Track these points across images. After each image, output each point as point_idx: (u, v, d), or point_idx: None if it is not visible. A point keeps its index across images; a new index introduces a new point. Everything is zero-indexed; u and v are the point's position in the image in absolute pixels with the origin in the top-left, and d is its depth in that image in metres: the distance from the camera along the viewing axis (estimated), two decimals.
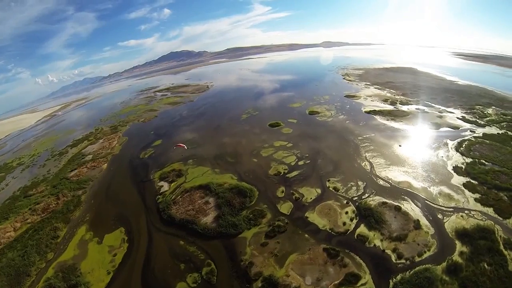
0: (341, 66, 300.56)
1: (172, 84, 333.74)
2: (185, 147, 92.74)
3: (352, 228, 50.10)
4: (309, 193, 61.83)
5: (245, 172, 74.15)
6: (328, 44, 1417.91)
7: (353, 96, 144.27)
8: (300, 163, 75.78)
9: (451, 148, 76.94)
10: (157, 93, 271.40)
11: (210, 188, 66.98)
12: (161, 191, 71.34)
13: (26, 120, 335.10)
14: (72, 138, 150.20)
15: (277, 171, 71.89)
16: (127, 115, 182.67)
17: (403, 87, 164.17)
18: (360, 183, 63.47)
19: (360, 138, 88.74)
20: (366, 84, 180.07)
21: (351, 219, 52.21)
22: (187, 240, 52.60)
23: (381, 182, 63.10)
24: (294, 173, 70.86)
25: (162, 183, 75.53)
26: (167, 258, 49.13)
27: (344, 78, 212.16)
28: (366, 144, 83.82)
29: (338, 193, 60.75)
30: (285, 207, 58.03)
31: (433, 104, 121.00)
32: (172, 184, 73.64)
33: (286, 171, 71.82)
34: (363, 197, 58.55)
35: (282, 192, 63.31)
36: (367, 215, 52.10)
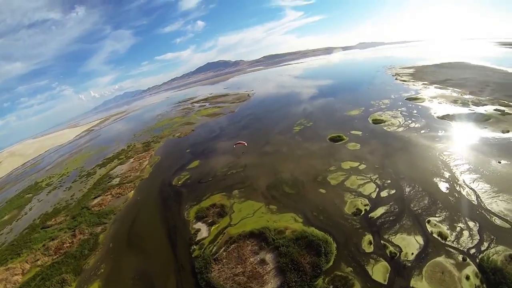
0: (386, 66, 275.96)
1: (211, 94, 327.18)
2: (245, 144, 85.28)
3: None
4: (408, 244, 41.86)
5: (313, 210, 54.07)
6: (363, 45, 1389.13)
7: (416, 99, 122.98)
8: (383, 194, 55.17)
9: None
10: (195, 104, 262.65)
11: (266, 237, 47.63)
12: (197, 238, 53.13)
13: (66, 135, 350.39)
14: (103, 156, 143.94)
15: (356, 208, 51.63)
16: (162, 129, 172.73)
17: (466, 84, 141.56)
18: (471, 224, 43.40)
19: (446, 153, 67.52)
20: (424, 84, 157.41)
21: None
22: None
23: (498, 221, 43.06)
24: (380, 210, 50.44)
25: (199, 224, 57.28)
26: None
27: (396, 79, 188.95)
28: (457, 161, 62.73)
29: (447, 242, 40.81)
30: (380, 271, 38.25)
31: (511, 103, 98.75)
32: (213, 228, 55.03)
33: (368, 208, 51.51)
34: (482, 248, 38.88)
35: (370, 243, 43.12)
36: (498, 280, 33.60)
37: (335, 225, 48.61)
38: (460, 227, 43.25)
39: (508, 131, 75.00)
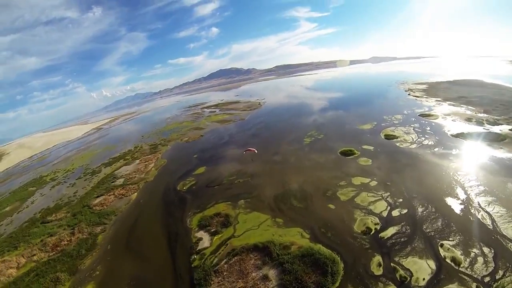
0: (399, 81, 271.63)
1: (221, 100, 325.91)
2: (256, 151, 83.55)
3: None
4: (419, 268, 39.34)
5: (321, 226, 51.52)
6: (376, 60, 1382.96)
7: (429, 116, 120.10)
8: (395, 213, 52.59)
9: None
10: (205, 110, 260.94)
11: (270, 252, 45.21)
12: (198, 248, 50.83)
13: (75, 131, 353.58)
14: (109, 155, 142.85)
15: (366, 227, 49.11)
16: (170, 133, 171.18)
17: (481, 102, 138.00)
18: (486, 250, 40.73)
19: (460, 173, 64.62)
20: (437, 101, 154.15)
21: None
22: None
23: None
24: (391, 230, 47.87)
25: (201, 233, 54.97)
26: None
27: (409, 94, 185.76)
28: (472, 182, 59.83)
29: (460, 269, 38.29)
30: None
31: None
32: (216, 238, 52.61)
33: (378, 227, 48.98)
34: (497, 276, 36.45)
35: (379, 265, 40.63)
36: None
37: (343, 244, 46.18)
38: (474, 252, 40.74)
39: None
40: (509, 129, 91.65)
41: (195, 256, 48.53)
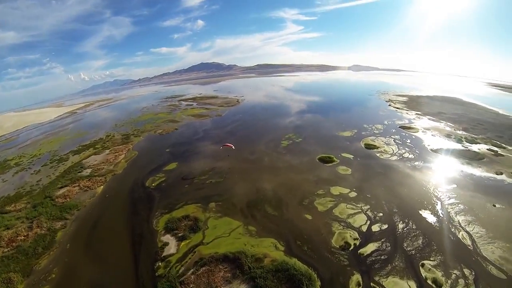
0: (380, 91, 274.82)
1: (200, 94, 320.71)
2: (233, 147, 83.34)
3: None
4: None
5: (296, 238, 48.25)
6: (357, 68, 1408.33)
7: (410, 128, 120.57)
8: (375, 228, 50.29)
9: None
10: (182, 102, 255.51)
11: (241, 264, 41.56)
12: (164, 254, 46.52)
13: (48, 113, 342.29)
14: (80, 142, 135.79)
15: (345, 242, 46.40)
16: (144, 123, 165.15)
17: (460, 120, 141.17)
18: (466, 271, 39.76)
19: (441, 189, 63.83)
20: (417, 114, 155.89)
21: None
22: None
23: (494, 271, 39.88)
24: (370, 247, 45.44)
25: (167, 237, 50.59)
26: None
27: (389, 105, 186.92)
28: (452, 200, 59.16)
29: None
30: None
31: (503, 144, 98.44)
32: (183, 244, 48.35)
33: (357, 243, 46.38)
34: None
35: (358, 284, 38.08)
36: None
37: (320, 259, 43.25)
38: (455, 274, 39.68)
39: (501, 173, 73.72)
40: (487, 149, 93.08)
41: (160, 264, 44.30)
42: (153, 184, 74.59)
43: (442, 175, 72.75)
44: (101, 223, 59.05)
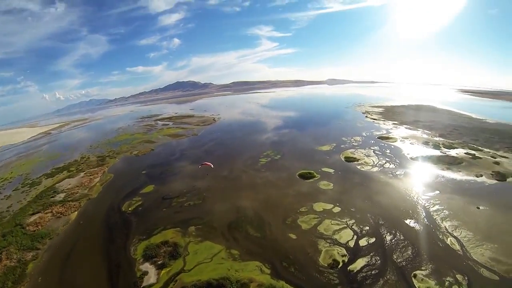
0: (356, 103, 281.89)
1: (176, 113, 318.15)
2: (212, 166, 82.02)
3: None
4: None
5: (282, 259, 46.17)
6: (333, 82, 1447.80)
7: (388, 138, 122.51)
8: (362, 242, 49.15)
9: None
10: (158, 122, 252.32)
11: None
12: (143, 284, 43.38)
13: (23, 134, 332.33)
14: (53, 165, 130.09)
15: (333, 259, 44.74)
16: (120, 144, 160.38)
17: (435, 127, 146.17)
18: (459, 277, 39.79)
19: (425, 197, 64.54)
20: (394, 124, 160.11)
21: None
22: None
23: (486, 273, 40.31)
24: (360, 262, 44.21)
25: (146, 266, 47.42)
26: None
27: (366, 117, 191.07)
28: (437, 207, 59.89)
29: None
30: None
31: (479, 147, 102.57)
32: (163, 272, 45.29)
33: (346, 259, 44.89)
34: None
35: None
36: None
37: (309, 280, 41.50)
38: (449, 281, 39.50)
39: (481, 175, 76.16)
40: (465, 153, 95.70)
41: None
42: (129, 209, 71.12)
43: (424, 182, 73.54)
44: (75, 253, 55.33)
